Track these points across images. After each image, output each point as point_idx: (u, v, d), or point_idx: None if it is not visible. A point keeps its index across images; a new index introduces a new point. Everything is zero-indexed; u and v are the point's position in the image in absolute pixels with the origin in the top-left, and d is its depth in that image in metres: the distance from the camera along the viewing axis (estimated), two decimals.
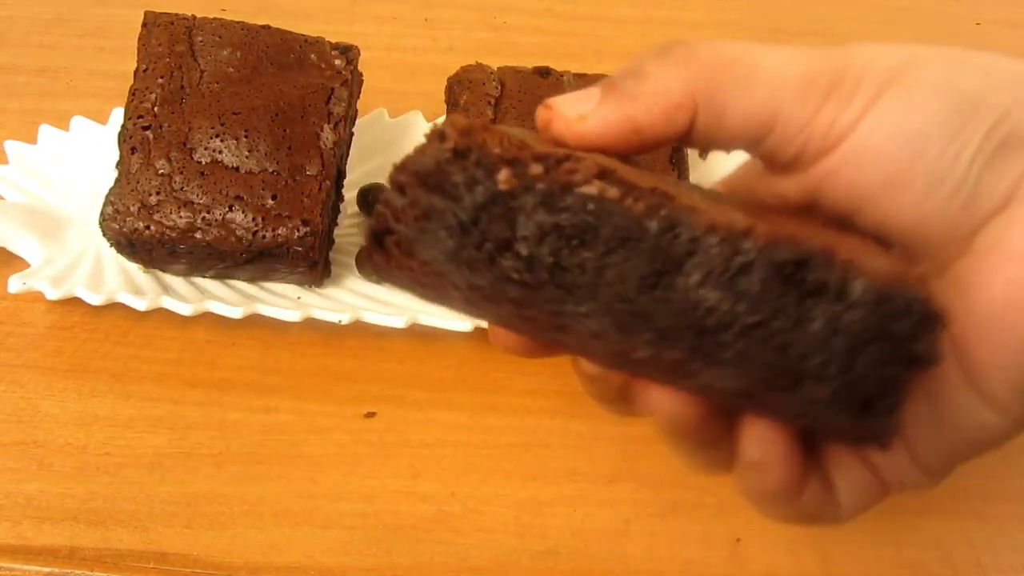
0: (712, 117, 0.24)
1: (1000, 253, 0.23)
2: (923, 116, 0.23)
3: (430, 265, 0.22)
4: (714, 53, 0.24)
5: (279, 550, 0.37)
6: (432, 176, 0.21)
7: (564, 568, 0.38)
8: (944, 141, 0.23)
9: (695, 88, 0.24)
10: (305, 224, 0.43)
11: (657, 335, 0.21)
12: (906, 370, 0.21)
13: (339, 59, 0.48)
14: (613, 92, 0.25)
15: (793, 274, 0.20)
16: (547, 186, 0.21)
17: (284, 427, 0.42)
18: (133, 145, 0.44)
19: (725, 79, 0.24)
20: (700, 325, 0.21)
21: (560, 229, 0.21)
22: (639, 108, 0.24)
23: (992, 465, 0.42)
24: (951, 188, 0.23)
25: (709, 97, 0.24)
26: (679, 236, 0.20)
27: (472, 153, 0.21)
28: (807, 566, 0.38)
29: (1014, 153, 0.23)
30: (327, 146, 0.45)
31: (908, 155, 0.23)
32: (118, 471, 0.39)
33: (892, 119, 0.23)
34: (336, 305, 0.46)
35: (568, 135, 0.25)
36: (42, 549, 0.36)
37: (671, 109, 0.24)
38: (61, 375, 0.43)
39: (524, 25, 0.70)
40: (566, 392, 0.44)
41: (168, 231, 0.43)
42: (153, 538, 0.37)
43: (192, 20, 0.47)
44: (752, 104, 0.24)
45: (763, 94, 0.24)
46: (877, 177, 0.23)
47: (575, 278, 0.21)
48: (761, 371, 0.21)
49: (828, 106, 0.24)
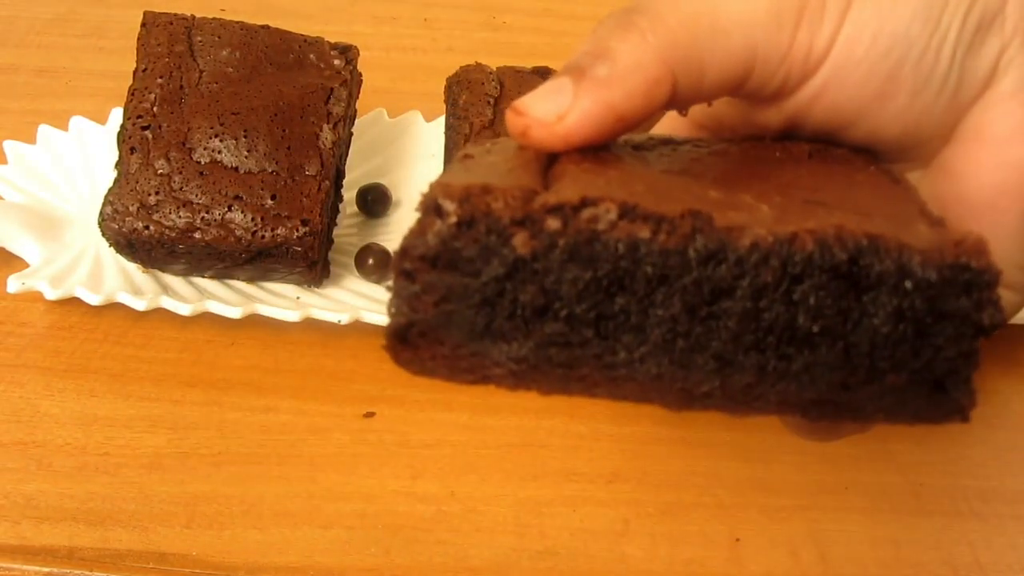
0: (692, 79, 0.23)
1: (985, 139, 0.23)
2: (899, 17, 0.22)
3: (464, 348, 0.21)
4: (676, 11, 0.23)
5: (278, 550, 0.37)
6: (441, 256, 0.20)
7: (563, 568, 0.38)
8: (924, 38, 0.22)
9: (668, 54, 0.23)
10: (304, 224, 0.43)
11: (720, 363, 0.20)
12: (974, 341, 0.20)
13: (338, 59, 0.48)
14: (584, 81, 0.23)
15: (847, 273, 0.19)
16: (570, 240, 0.19)
17: (283, 427, 0.42)
18: (132, 145, 0.44)
19: (696, 36, 0.23)
20: (762, 344, 0.20)
21: (595, 281, 0.19)
22: (616, 93, 0.22)
23: (991, 465, 0.42)
24: (938, 84, 0.22)
25: (684, 59, 0.23)
26: (723, 261, 0.19)
27: (479, 222, 0.19)
28: (806, 566, 0.38)
29: (989, 33, 0.22)
30: (326, 146, 0.45)
31: (892, 62, 0.22)
32: (117, 471, 0.39)
33: (868, 27, 0.22)
34: (335, 305, 0.46)
35: (549, 139, 0.23)
36: (41, 549, 0.36)
37: (650, 86, 0.23)
38: (60, 375, 0.43)
39: (523, 25, 0.70)
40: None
41: (167, 231, 0.43)
42: (152, 538, 0.37)
43: (191, 20, 0.47)
44: (729, 51, 0.23)
45: (737, 39, 0.23)
46: (863, 92, 0.23)
47: (621, 326, 0.20)
48: (833, 375, 0.20)
49: (802, 30, 0.23)
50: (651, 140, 0.27)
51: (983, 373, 0.20)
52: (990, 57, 0.22)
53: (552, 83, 0.23)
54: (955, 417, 0.21)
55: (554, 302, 0.20)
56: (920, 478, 0.41)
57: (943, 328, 0.20)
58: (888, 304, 0.19)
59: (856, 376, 0.20)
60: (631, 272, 0.19)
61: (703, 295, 0.19)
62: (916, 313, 0.19)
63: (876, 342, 0.20)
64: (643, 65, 0.22)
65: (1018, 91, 0.22)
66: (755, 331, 0.20)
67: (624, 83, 0.22)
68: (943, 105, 0.23)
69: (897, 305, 0.19)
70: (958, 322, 0.20)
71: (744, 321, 0.20)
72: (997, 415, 0.44)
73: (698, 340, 0.20)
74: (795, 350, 0.20)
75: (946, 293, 0.19)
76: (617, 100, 0.22)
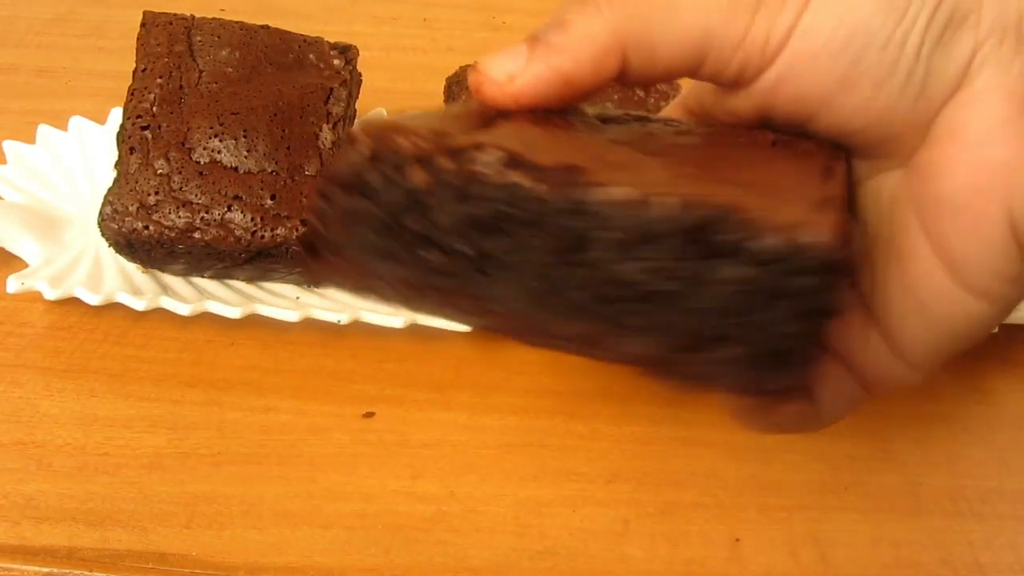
0: (643, 54, 0.23)
1: (959, 139, 0.22)
2: (862, 6, 0.22)
3: (360, 264, 0.23)
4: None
5: (278, 550, 0.37)
6: (351, 181, 0.22)
7: (563, 568, 0.38)
8: (887, 30, 0.22)
9: (619, 28, 0.23)
10: (304, 224, 0.43)
11: (571, 309, 0.21)
12: (815, 324, 0.20)
13: (338, 59, 0.48)
14: (538, 47, 0.24)
15: (696, 238, 0.20)
16: (457, 179, 0.21)
17: (283, 427, 0.42)
18: (132, 145, 0.44)
19: (648, 12, 0.23)
20: (610, 296, 0.21)
21: (473, 218, 0.21)
22: (566, 59, 0.23)
23: (991, 465, 0.42)
24: (902, 78, 0.22)
25: (635, 35, 0.23)
26: (583, 212, 0.20)
27: (386, 155, 0.21)
28: (806, 566, 0.38)
29: (960, 31, 0.22)
30: (326, 146, 0.45)
31: (852, 53, 0.22)
32: (117, 471, 0.39)
33: (829, 18, 0.22)
34: (335, 305, 0.46)
35: (500, 97, 0.24)
36: (41, 549, 0.36)
37: (599, 56, 0.23)
38: (60, 375, 0.43)
39: (524, 25, 0.70)
40: (565, 392, 0.44)
41: (167, 231, 0.43)
42: (152, 538, 0.37)
43: (191, 20, 0.47)
44: (681, 32, 0.23)
45: (689, 18, 0.23)
46: (823, 82, 0.22)
47: (493, 263, 0.21)
48: (675, 337, 0.21)
49: (760, 17, 0.22)
50: (625, 115, 0.27)
51: (982, 373, 0.20)
52: (963, 55, 0.22)
53: (511, 47, 0.24)
54: (792, 395, 0.22)
55: (437, 232, 0.21)
56: (920, 478, 0.41)
57: (784, 305, 0.20)
58: (731, 273, 0.20)
59: (700, 341, 0.21)
60: (505, 215, 0.21)
61: (563, 243, 0.21)
62: (757, 285, 0.20)
63: (719, 309, 0.20)
64: (593, 35, 0.23)
65: (992, 90, 0.22)
66: (605, 283, 0.21)
67: (574, 51, 0.23)
68: (909, 99, 0.22)
69: (740, 275, 0.20)
70: (799, 301, 0.20)
71: (597, 272, 0.21)
72: (997, 415, 0.44)
73: (557, 285, 0.21)
74: (643, 307, 0.21)
75: (789, 271, 0.20)
76: (566, 66, 0.23)
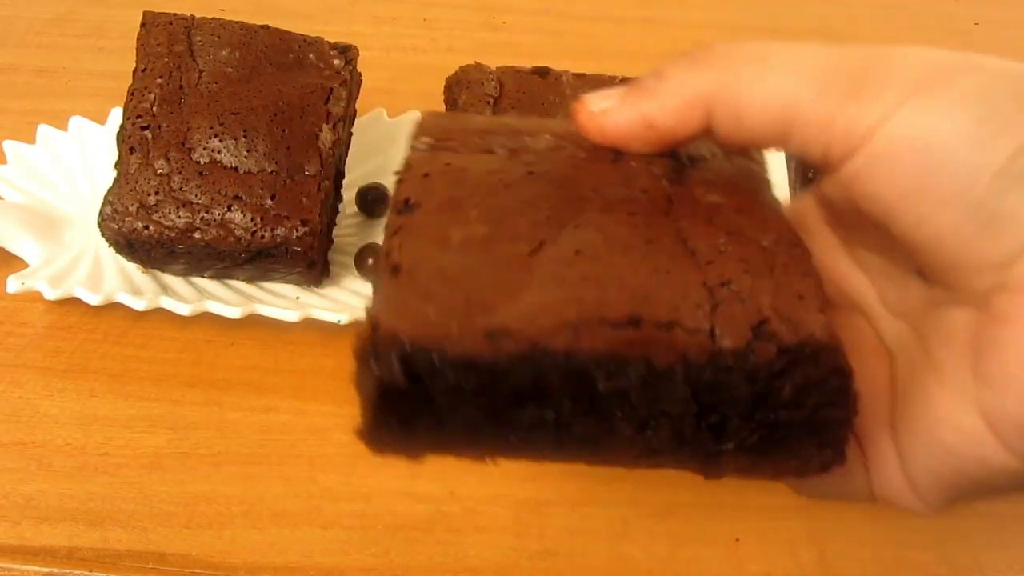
0: (729, 115, 0.24)
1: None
2: (948, 126, 0.22)
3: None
4: (730, 49, 0.24)
5: (278, 550, 0.37)
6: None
7: (562, 568, 0.38)
8: (966, 152, 0.21)
9: (708, 84, 0.24)
10: (304, 224, 0.43)
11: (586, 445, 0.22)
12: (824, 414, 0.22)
13: (338, 59, 0.48)
14: (633, 90, 0.25)
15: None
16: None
17: (283, 427, 0.42)
18: (132, 145, 0.44)
19: (739, 73, 0.24)
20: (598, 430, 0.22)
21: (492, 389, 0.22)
22: (654, 105, 0.25)
23: None
24: (969, 206, 0.21)
25: (723, 92, 0.24)
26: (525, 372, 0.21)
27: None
28: (806, 566, 0.38)
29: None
30: (326, 146, 0.45)
31: (927, 163, 0.22)
32: (117, 471, 0.39)
33: (917, 123, 0.22)
34: (335, 305, 0.46)
35: (589, 125, 0.26)
36: (41, 549, 0.36)
37: (683, 107, 0.24)
38: (60, 375, 0.43)
39: (523, 25, 0.70)
40: None
41: (167, 231, 0.43)
42: (152, 538, 0.37)
43: (191, 20, 0.47)
44: (767, 101, 0.23)
45: (777, 86, 0.23)
46: (897, 185, 0.22)
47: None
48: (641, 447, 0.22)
49: (851, 105, 0.22)
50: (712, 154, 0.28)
51: None
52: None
53: (616, 88, 0.26)
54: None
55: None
56: None
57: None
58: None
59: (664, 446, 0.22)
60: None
61: (513, 398, 0.22)
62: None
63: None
64: (682, 87, 0.25)
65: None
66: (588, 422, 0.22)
67: (661, 98, 0.25)
68: (975, 229, 0.22)
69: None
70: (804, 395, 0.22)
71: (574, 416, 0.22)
72: None
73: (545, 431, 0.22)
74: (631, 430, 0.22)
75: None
76: (651, 111, 0.25)
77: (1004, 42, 0.73)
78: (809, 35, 0.73)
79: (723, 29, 0.72)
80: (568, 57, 0.63)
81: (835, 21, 0.74)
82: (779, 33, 0.72)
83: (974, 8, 0.77)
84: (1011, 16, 0.77)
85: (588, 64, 0.54)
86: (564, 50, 0.68)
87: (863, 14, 0.76)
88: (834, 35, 0.73)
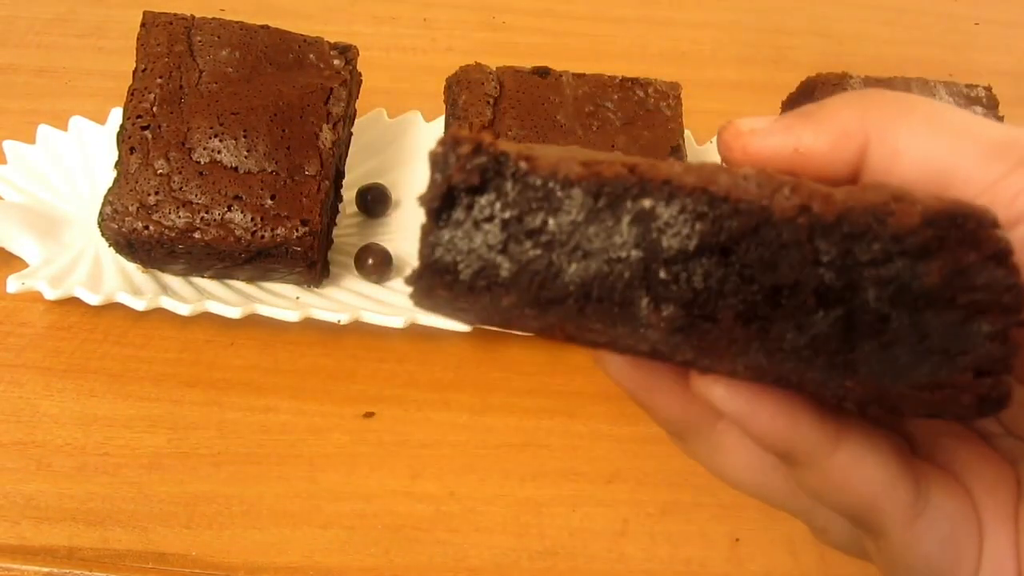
0: (885, 155, 0.23)
1: None
2: None
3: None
4: (900, 96, 0.24)
5: (278, 550, 0.37)
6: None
7: (562, 568, 0.38)
8: None
9: (869, 120, 0.23)
10: (304, 224, 0.43)
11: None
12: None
13: (338, 59, 0.48)
14: (791, 115, 0.24)
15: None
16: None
17: (283, 427, 0.42)
18: (132, 145, 0.44)
19: (905, 118, 0.23)
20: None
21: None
22: (808, 129, 0.24)
23: None
24: None
25: (883, 132, 0.23)
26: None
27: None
28: (805, 566, 0.38)
29: None
30: (326, 146, 0.45)
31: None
32: (117, 471, 0.39)
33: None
34: (335, 305, 0.46)
35: (734, 144, 0.25)
36: (41, 549, 0.36)
37: (839, 136, 0.23)
38: (60, 375, 0.43)
39: (523, 25, 0.70)
40: (565, 392, 0.44)
41: (167, 231, 0.43)
42: (152, 538, 0.37)
43: (191, 20, 0.47)
44: (930, 149, 0.22)
45: (944, 143, 0.22)
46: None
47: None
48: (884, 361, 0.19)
49: (1016, 176, 0.21)
50: None
51: None
52: None
53: (772, 116, 0.25)
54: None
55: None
56: None
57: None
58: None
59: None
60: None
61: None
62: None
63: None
64: (842, 114, 0.24)
65: None
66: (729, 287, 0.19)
67: (817, 123, 0.24)
68: None
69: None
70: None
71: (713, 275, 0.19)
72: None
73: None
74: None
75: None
76: (804, 134, 0.24)
77: (1004, 41, 0.73)
78: (809, 35, 0.73)
79: (723, 29, 0.72)
80: (568, 57, 0.63)
81: (835, 21, 0.74)
82: (779, 33, 0.72)
83: (974, 8, 0.77)
84: (1012, 15, 0.77)
85: (588, 64, 0.54)
86: (564, 50, 0.68)
87: (863, 15, 0.76)
88: (834, 35, 0.73)
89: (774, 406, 0.21)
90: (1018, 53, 0.72)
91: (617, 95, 0.50)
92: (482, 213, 0.19)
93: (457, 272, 0.20)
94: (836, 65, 0.54)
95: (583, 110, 0.49)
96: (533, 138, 0.48)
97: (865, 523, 0.23)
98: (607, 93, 0.50)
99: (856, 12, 0.76)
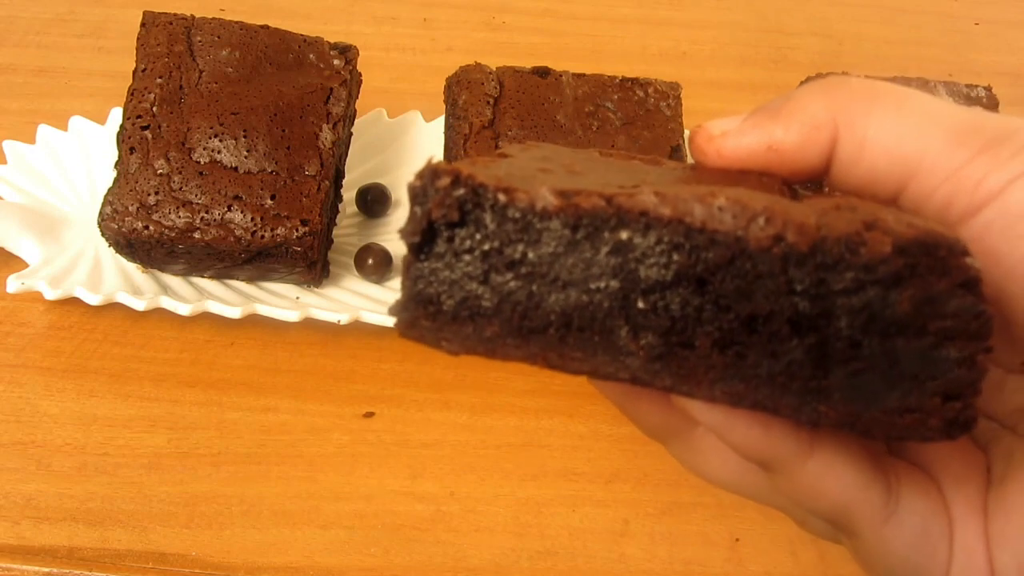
0: (854, 145, 0.23)
1: None
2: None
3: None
4: (866, 83, 0.23)
5: (278, 550, 0.37)
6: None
7: (562, 568, 0.38)
8: None
9: (837, 110, 0.23)
10: (304, 224, 0.43)
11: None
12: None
13: (338, 59, 0.48)
14: (758, 112, 0.24)
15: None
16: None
17: (283, 427, 0.42)
18: (132, 145, 0.44)
19: (871, 106, 0.23)
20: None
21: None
22: (778, 126, 0.24)
23: None
24: None
25: (851, 121, 0.23)
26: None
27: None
28: (805, 566, 0.38)
29: None
30: (326, 146, 0.45)
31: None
32: (117, 471, 0.39)
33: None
34: (335, 305, 0.46)
35: (707, 148, 0.25)
36: (41, 549, 0.36)
37: (809, 129, 0.23)
38: (60, 375, 0.43)
39: (523, 25, 0.70)
40: (565, 392, 0.44)
41: (167, 231, 0.43)
42: (152, 538, 0.37)
43: (191, 20, 0.47)
44: (897, 136, 0.23)
45: (910, 130, 0.22)
46: (1014, 251, 0.21)
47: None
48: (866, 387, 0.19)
49: (980, 160, 0.21)
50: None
51: None
52: None
53: (738, 115, 0.25)
54: None
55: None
56: None
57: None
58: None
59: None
60: None
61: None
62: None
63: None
64: (810, 107, 0.23)
65: None
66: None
67: (787, 118, 0.24)
68: None
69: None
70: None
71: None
72: None
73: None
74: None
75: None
76: (775, 131, 0.24)
77: (1004, 41, 0.73)
78: (809, 35, 0.73)
79: (723, 29, 0.72)
80: (568, 57, 0.63)
81: (835, 21, 0.74)
82: (779, 33, 0.72)
83: (974, 8, 0.77)
84: (1012, 15, 0.77)
85: (588, 64, 0.54)
86: (564, 50, 0.68)
87: (863, 14, 0.76)
88: (834, 35, 0.73)
89: (749, 417, 0.21)
90: (1018, 53, 0.72)
91: (617, 95, 0.50)
92: (463, 245, 0.20)
93: (440, 303, 0.20)
94: (836, 65, 0.54)
95: (583, 110, 0.49)
96: (533, 138, 0.48)
97: (839, 525, 0.23)
98: (607, 93, 0.50)
99: (856, 12, 0.76)
